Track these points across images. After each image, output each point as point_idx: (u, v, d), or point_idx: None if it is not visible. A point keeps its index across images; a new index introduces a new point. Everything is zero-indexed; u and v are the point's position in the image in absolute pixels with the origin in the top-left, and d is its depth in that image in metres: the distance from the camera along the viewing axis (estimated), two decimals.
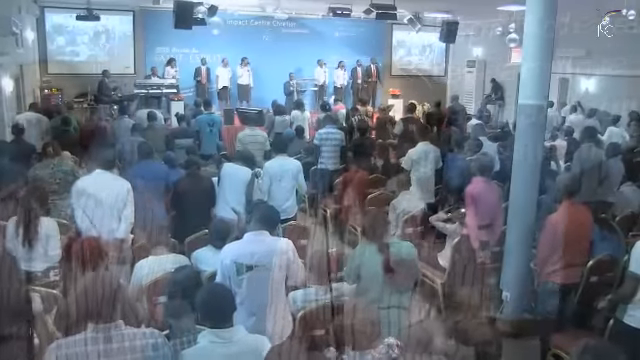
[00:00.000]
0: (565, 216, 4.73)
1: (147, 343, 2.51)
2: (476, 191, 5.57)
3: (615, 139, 9.23)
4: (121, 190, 5.05)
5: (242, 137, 8.23)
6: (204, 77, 15.31)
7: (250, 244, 3.67)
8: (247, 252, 3.61)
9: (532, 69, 5.12)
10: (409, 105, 10.93)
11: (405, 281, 4.23)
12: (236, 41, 15.70)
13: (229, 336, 2.62)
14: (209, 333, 2.63)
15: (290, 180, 6.31)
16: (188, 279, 3.62)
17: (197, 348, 2.62)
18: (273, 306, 3.57)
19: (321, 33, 16.80)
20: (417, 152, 7.09)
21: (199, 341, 2.64)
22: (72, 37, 14.67)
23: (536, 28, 5.12)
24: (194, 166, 6.16)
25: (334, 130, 8.55)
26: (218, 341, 2.60)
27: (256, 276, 3.55)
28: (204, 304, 2.74)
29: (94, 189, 4.93)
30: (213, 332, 2.62)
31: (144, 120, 9.72)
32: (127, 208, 5.06)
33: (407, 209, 6.37)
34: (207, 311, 2.69)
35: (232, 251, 3.69)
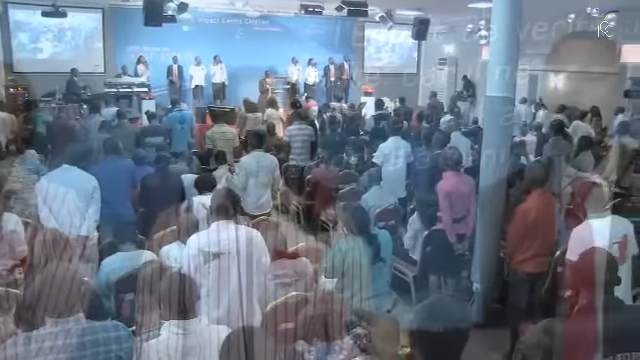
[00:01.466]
0: (534, 206, 4.78)
1: (109, 336, 2.46)
2: (448, 186, 5.60)
3: (580, 133, 9.38)
4: (87, 186, 4.97)
5: (211, 134, 8.20)
6: (176, 75, 15.17)
7: (216, 232, 3.63)
8: (213, 240, 3.57)
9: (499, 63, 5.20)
10: (378, 102, 10.97)
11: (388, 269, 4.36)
12: (208, 39, 15.59)
13: (190, 327, 2.59)
14: (171, 324, 2.59)
15: (266, 175, 6.29)
16: (154, 274, 3.57)
17: (158, 340, 2.58)
18: (241, 296, 3.54)
19: (293, 31, 16.76)
20: (388, 147, 7.11)
21: (161, 333, 2.60)
22: (37, 35, 14.37)
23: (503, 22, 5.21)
24: (162, 162, 6.09)
25: (304, 126, 8.55)
26: (179, 332, 2.56)
27: (223, 264, 3.51)
28: (165, 295, 2.70)
29: (59, 184, 4.83)
30: (174, 323, 2.58)
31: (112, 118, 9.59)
32: (93, 205, 4.99)
33: (378, 204, 6.39)
34: (169, 302, 2.65)
35: (198, 240, 3.64)
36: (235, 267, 3.53)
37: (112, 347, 2.44)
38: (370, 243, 4.08)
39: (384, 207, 6.39)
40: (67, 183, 4.87)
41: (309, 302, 3.67)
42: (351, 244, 4.06)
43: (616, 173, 7.42)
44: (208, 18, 15.86)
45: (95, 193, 5.01)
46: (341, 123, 10.01)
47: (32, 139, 7.76)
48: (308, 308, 3.57)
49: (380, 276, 4.16)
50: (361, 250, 4.02)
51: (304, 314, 3.56)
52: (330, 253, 4.15)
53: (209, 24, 15.90)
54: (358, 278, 3.98)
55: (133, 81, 13.89)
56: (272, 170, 6.31)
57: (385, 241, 4.23)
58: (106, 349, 2.42)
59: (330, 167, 7.83)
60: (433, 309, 2.10)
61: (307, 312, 3.54)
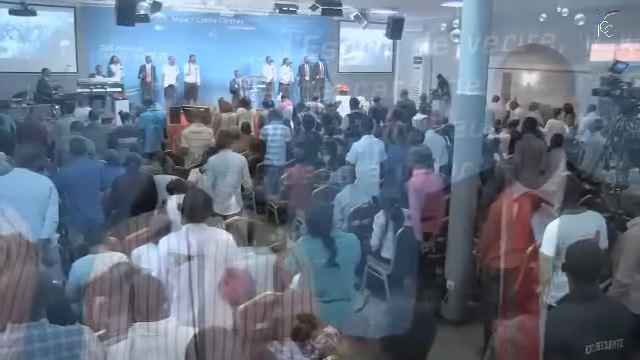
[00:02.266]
0: (507, 203, 4.82)
1: (72, 341, 2.42)
2: (418, 184, 5.64)
3: (555, 131, 9.50)
4: (42, 189, 4.84)
5: (187, 133, 8.15)
6: (149, 75, 15.00)
7: (188, 234, 3.60)
8: (185, 242, 3.53)
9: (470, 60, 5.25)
10: (352, 100, 10.99)
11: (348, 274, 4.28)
12: (182, 39, 15.43)
13: (158, 329, 2.55)
14: (139, 326, 2.56)
15: (234, 175, 6.24)
16: (124, 277, 3.53)
17: (125, 342, 2.55)
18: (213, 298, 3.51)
19: (268, 30, 16.68)
20: (362, 145, 7.12)
21: (129, 335, 2.57)
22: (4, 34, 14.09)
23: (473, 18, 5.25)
24: (133, 163, 6.02)
25: (279, 125, 8.54)
26: (146, 334, 2.53)
27: (194, 267, 3.48)
28: (133, 296, 2.67)
29: (10, 188, 4.69)
30: (142, 325, 2.55)
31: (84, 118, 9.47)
32: (50, 207, 4.87)
33: (352, 203, 6.40)
34: (136, 304, 2.62)
35: (169, 242, 3.61)
36: (206, 270, 3.50)
37: (76, 351, 2.40)
38: (327, 246, 3.97)
39: (358, 206, 6.40)
40: (18, 187, 4.73)
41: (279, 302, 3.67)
42: (308, 245, 4.02)
43: None
44: (182, 17, 15.72)
45: (52, 194, 4.90)
46: (316, 122, 10.00)
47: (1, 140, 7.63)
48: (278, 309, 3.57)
49: (337, 281, 4.04)
50: (317, 252, 3.96)
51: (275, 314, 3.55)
52: (290, 250, 4.15)
53: (183, 23, 15.76)
54: (311, 281, 3.94)
55: (106, 81, 13.69)
56: (241, 169, 6.25)
57: (347, 245, 4.09)
58: (70, 354, 2.38)
59: (305, 166, 7.82)
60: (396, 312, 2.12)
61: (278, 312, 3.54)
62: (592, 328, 2.69)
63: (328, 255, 3.92)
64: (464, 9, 5.37)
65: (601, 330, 2.71)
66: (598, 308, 2.77)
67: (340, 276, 4.02)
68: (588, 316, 2.72)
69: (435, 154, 7.03)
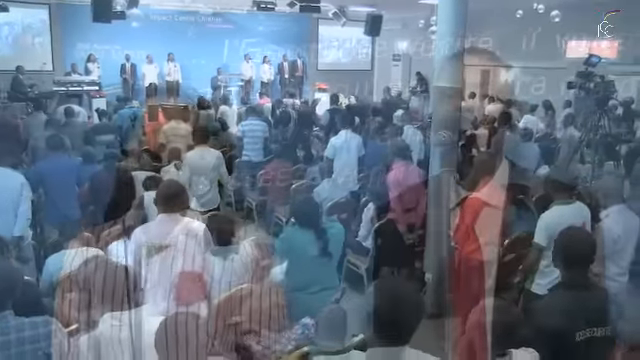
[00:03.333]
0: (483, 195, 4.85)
1: (37, 333, 2.38)
2: (398, 175, 5.65)
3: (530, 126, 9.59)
4: (14, 185, 4.78)
5: (166, 129, 8.11)
6: (129, 74, 14.92)
7: (161, 224, 3.57)
8: (158, 233, 3.51)
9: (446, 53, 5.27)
10: (332, 96, 11.00)
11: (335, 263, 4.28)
12: (160, 37, 15.38)
13: (129, 319, 2.53)
14: (109, 317, 2.53)
15: (211, 171, 6.20)
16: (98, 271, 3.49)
17: (96, 333, 2.51)
18: None
19: (246, 28, 16.67)
20: (339, 140, 7.11)
21: (99, 326, 2.54)
22: None
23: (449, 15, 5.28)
24: (110, 159, 5.97)
25: (257, 122, 8.50)
26: (117, 324, 2.50)
27: (168, 257, 3.46)
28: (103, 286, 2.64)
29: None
30: (113, 315, 2.52)
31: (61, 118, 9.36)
32: (23, 204, 4.80)
33: (330, 197, 6.41)
34: (106, 293, 2.59)
35: (143, 233, 3.58)
36: (180, 260, 3.48)
37: (41, 344, 2.35)
38: (319, 237, 4.00)
39: (336, 200, 6.41)
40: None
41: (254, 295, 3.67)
42: (299, 236, 4.03)
43: None
44: (160, 15, 15.66)
45: (24, 191, 4.83)
46: (294, 119, 9.99)
47: None
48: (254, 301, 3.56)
49: (327, 270, 4.09)
50: (308, 243, 3.97)
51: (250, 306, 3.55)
52: (278, 241, 4.14)
53: (161, 21, 15.71)
54: (303, 271, 3.95)
55: (83, 79, 13.57)
56: (217, 166, 6.19)
57: (336, 235, 4.15)
58: (33, 347, 2.33)
59: (283, 163, 7.80)
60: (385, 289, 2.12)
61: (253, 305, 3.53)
62: (582, 315, 2.75)
63: (320, 245, 3.94)
64: (440, 6, 5.39)
65: (591, 317, 2.75)
66: (588, 296, 2.82)
67: (330, 266, 4.07)
68: (578, 304, 2.77)
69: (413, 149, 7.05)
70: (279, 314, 3.24)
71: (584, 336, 2.73)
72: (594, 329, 2.75)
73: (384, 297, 2.07)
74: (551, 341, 2.64)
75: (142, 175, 6.40)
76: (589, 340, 2.73)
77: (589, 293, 2.85)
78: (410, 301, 2.06)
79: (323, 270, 4.01)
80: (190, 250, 3.52)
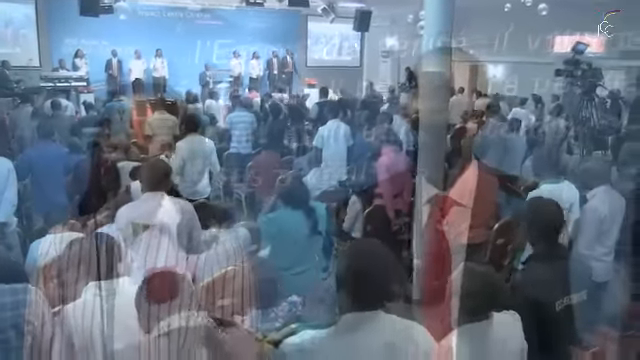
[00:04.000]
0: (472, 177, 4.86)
1: (17, 299, 2.36)
2: (388, 160, 5.66)
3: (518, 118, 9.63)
4: (1, 170, 4.73)
5: (152, 121, 8.03)
6: (115, 69, 14.83)
7: (146, 203, 3.54)
8: (143, 211, 3.48)
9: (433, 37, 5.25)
10: (322, 89, 11.00)
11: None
12: (148, 33, 15.32)
13: (113, 288, 2.50)
14: (92, 286, 2.50)
15: (202, 160, 6.17)
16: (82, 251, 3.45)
17: (79, 302, 2.48)
18: None
19: (235, 24, 16.63)
20: (327, 129, 7.10)
21: (82, 296, 2.51)
22: None
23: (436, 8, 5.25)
24: (96, 148, 5.93)
25: (245, 113, 8.49)
26: (100, 293, 2.47)
27: (154, 236, 3.43)
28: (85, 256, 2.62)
29: None
30: (96, 284, 2.49)
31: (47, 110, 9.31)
32: (8, 189, 4.76)
33: (317, 185, 6.39)
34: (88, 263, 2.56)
35: (128, 212, 3.55)
36: (166, 239, 3.45)
37: (20, 311, 2.33)
38: (308, 216, 4.04)
39: (324, 189, 6.39)
40: None
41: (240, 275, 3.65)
42: (288, 216, 4.03)
43: None
44: (148, 11, 15.59)
45: (11, 176, 4.80)
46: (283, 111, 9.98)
47: None
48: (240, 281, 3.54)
49: (316, 249, 4.13)
50: (298, 223, 3.98)
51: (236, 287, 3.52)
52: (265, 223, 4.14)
53: (149, 17, 15.64)
54: (292, 251, 3.95)
55: (71, 75, 13.50)
56: (208, 154, 6.18)
57: (322, 214, 4.21)
58: (13, 313, 2.31)
59: (272, 154, 7.77)
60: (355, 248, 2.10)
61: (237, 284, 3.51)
62: (559, 285, 2.76)
63: (310, 224, 3.97)
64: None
65: (568, 286, 2.76)
66: (562, 264, 2.83)
67: (319, 245, 4.12)
68: (555, 274, 2.78)
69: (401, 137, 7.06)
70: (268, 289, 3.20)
71: (562, 305, 2.74)
72: (571, 296, 2.76)
73: (353, 255, 2.05)
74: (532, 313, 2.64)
75: (129, 166, 6.37)
76: (567, 308, 2.75)
77: (562, 261, 2.87)
78: (381, 260, 1.99)
79: (312, 249, 4.04)
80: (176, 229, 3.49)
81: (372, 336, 1.96)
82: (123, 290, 2.48)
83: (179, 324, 1.90)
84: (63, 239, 4.23)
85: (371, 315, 1.97)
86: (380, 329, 1.98)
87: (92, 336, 2.34)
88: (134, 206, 3.64)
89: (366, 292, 1.96)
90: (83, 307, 2.43)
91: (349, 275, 1.99)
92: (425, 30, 5.32)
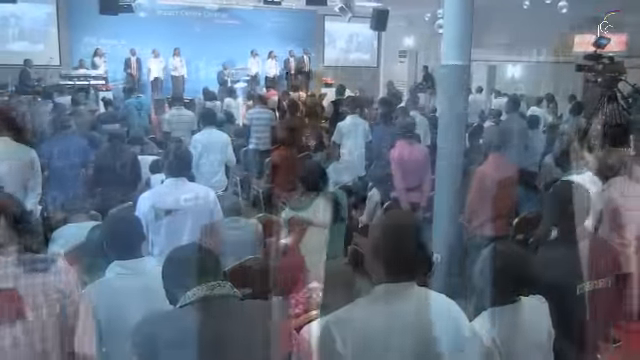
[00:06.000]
0: (492, 168, 4.83)
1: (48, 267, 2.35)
2: (400, 153, 5.63)
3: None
4: (25, 158, 4.73)
5: (169, 117, 8.08)
6: (134, 68, 14.93)
7: (169, 188, 3.55)
8: (166, 196, 3.49)
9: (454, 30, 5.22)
10: (339, 88, 10.98)
11: None
12: (166, 32, 15.39)
13: (137, 267, 2.50)
14: (116, 265, 2.50)
15: (218, 153, 6.18)
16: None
17: (102, 281, 2.49)
18: None
19: (253, 24, 16.68)
20: (346, 125, 7.10)
21: (106, 274, 2.52)
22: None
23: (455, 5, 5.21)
24: (116, 139, 5.97)
25: (264, 110, 8.50)
26: (125, 272, 2.47)
27: (176, 221, 3.44)
28: (109, 233, 2.62)
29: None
30: (120, 264, 2.50)
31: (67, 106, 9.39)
32: (34, 178, 4.76)
33: (336, 180, 6.38)
34: (112, 241, 2.56)
35: (151, 196, 3.57)
36: (188, 224, 3.46)
37: (51, 278, 2.35)
38: (332, 201, 4.02)
39: (343, 184, 6.38)
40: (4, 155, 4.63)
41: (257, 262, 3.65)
42: (312, 201, 4.02)
43: None
44: (166, 10, 15.68)
45: (35, 165, 4.80)
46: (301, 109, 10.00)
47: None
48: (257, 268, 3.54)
49: (339, 236, 4.10)
50: (322, 208, 3.96)
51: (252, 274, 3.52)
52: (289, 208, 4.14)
53: (167, 17, 15.73)
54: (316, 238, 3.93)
55: (90, 73, 13.66)
56: (225, 147, 6.19)
57: (344, 201, 4.20)
58: (44, 280, 2.33)
59: (289, 150, 7.77)
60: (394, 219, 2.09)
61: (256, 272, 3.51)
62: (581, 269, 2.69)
63: (334, 210, 3.96)
64: None
65: (591, 269, 2.71)
66: (587, 247, 2.75)
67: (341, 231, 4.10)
68: (577, 256, 2.70)
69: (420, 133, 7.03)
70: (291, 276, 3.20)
71: (584, 289, 2.69)
72: (595, 282, 2.71)
73: (388, 226, 2.03)
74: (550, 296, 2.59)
75: (148, 159, 6.41)
76: (592, 293, 2.69)
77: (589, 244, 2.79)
78: (415, 232, 1.98)
79: (335, 236, 4.00)
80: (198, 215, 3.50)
81: (407, 306, 1.94)
82: (147, 269, 2.49)
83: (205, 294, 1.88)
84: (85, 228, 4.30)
85: (405, 286, 1.96)
86: (415, 300, 1.97)
87: (117, 313, 2.34)
88: (156, 192, 3.65)
89: (400, 262, 1.95)
90: (107, 285, 2.44)
91: (384, 245, 1.97)
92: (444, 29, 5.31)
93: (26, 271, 2.28)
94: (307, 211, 3.96)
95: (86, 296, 2.40)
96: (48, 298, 2.32)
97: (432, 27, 14.13)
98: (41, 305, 2.30)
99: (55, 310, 2.34)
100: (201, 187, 3.76)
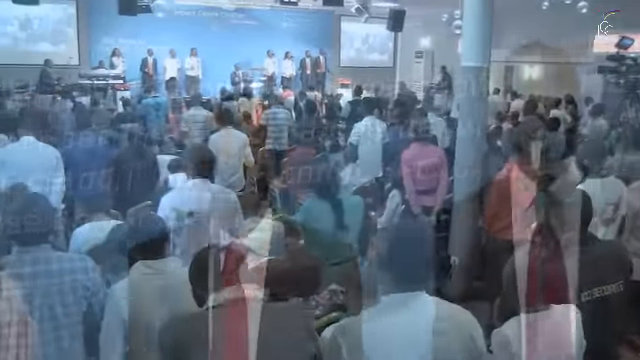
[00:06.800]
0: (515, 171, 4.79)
1: (76, 266, 2.41)
2: (410, 155, 5.58)
3: None
4: (50, 157, 4.80)
5: (187, 117, 8.16)
6: (151, 68, 15.05)
7: (192, 190, 3.57)
8: (188, 198, 3.51)
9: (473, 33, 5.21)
10: (356, 88, 10.97)
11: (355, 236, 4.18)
12: (183, 32, 15.51)
13: (161, 267, 2.53)
14: (140, 264, 2.53)
15: (236, 152, 6.21)
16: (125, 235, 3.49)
17: (127, 280, 2.52)
18: None
19: (269, 24, 16.76)
20: (363, 125, 7.09)
21: (130, 274, 2.54)
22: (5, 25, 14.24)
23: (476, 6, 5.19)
24: (136, 138, 6.00)
25: (280, 110, 8.53)
26: (149, 272, 2.50)
27: (197, 223, 3.45)
28: (134, 233, 2.65)
29: (19, 157, 4.66)
30: (144, 263, 2.52)
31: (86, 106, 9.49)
32: (57, 176, 4.82)
33: (352, 182, 6.37)
34: (137, 241, 2.59)
35: (173, 198, 3.59)
36: (210, 226, 3.47)
37: (78, 276, 2.39)
38: (334, 208, 3.96)
39: (360, 185, 6.37)
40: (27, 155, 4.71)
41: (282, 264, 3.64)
42: (317, 206, 4.00)
43: None
44: (183, 11, 15.77)
45: (59, 164, 4.87)
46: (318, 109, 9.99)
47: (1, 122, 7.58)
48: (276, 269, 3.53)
49: (343, 243, 4.01)
50: (324, 214, 3.94)
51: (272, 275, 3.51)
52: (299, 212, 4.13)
53: (184, 17, 15.82)
54: (321, 242, 3.90)
55: (108, 73, 13.79)
56: (242, 147, 6.22)
57: (354, 207, 4.11)
58: (72, 278, 2.36)
59: (306, 150, 7.77)
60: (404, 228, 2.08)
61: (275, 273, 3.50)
62: (585, 275, 2.60)
63: (335, 217, 3.90)
64: None
65: (599, 276, 2.66)
66: (593, 252, 2.71)
67: (348, 237, 3.99)
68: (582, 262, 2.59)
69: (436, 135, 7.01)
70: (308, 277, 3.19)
71: (592, 296, 2.63)
72: (604, 288, 2.66)
73: (398, 235, 2.04)
74: None
75: (167, 158, 6.45)
76: (600, 300, 2.64)
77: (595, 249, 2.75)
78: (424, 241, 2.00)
79: (339, 242, 3.93)
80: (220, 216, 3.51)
81: (416, 316, 1.95)
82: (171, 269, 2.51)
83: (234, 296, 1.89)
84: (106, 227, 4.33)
85: (414, 296, 1.96)
86: (424, 310, 1.96)
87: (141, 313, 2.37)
88: (179, 193, 3.67)
89: (410, 272, 1.95)
90: (131, 286, 2.47)
91: (393, 255, 1.97)
92: (464, 31, 5.29)
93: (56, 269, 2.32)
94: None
95: (112, 295, 2.43)
96: (76, 296, 2.35)
97: (449, 28, 14.08)
98: (70, 303, 2.33)
99: (82, 308, 2.38)
100: (223, 188, 3.78)
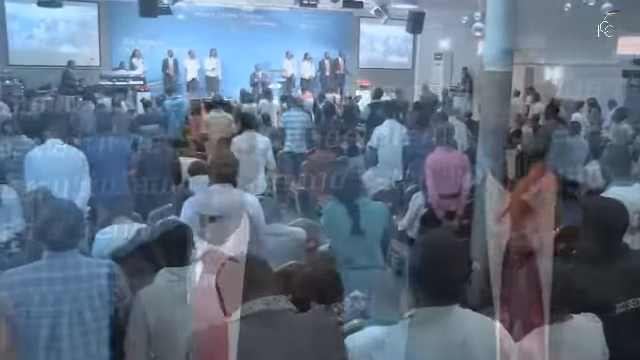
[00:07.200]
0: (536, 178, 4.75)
1: (103, 272, 2.44)
2: (434, 160, 5.57)
3: None
4: (76, 160, 4.88)
5: (208, 119, 8.18)
6: (171, 69, 15.18)
7: (214, 195, 3.58)
8: (211, 203, 3.52)
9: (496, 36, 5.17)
10: (376, 90, 10.94)
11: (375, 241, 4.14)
12: (203, 33, 15.58)
13: (184, 274, 2.55)
14: (165, 271, 2.55)
15: (258, 156, 6.22)
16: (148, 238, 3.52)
17: (152, 287, 2.54)
18: None
19: (288, 26, 16.78)
20: (384, 129, 7.08)
21: (155, 280, 2.56)
22: (32, 27, 14.44)
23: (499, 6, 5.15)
24: (160, 142, 6.06)
25: (299, 113, 8.53)
26: (174, 279, 2.52)
27: (220, 227, 3.46)
28: (161, 240, 2.67)
29: (46, 160, 4.75)
30: (169, 270, 2.55)
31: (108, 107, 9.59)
32: (83, 179, 4.90)
33: (374, 185, 6.36)
34: (164, 248, 2.61)
35: (195, 202, 3.61)
36: (232, 230, 3.48)
37: (105, 282, 2.42)
38: (350, 213, 3.93)
39: (381, 188, 6.36)
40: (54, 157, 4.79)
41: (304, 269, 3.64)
42: (336, 210, 3.99)
43: None
44: (203, 12, 15.86)
45: (85, 166, 4.94)
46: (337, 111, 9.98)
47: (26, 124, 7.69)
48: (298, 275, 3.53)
49: (363, 248, 3.97)
50: (341, 218, 3.92)
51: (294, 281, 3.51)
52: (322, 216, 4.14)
53: (204, 18, 15.89)
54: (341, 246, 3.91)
55: (128, 74, 13.95)
56: (265, 150, 6.22)
57: (373, 212, 4.05)
58: (100, 283, 2.40)
59: (325, 153, 7.77)
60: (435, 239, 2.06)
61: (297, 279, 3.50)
62: (620, 286, 2.59)
63: (351, 222, 3.87)
64: None
65: (632, 286, 2.62)
66: (627, 262, 2.67)
67: (366, 243, 3.96)
68: (614, 275, 2.60)
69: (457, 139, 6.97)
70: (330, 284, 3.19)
71: (627, 307, 2.57)
72: (638, 299, 2.59)
73: (429, 247, 1.98)
74: None
75: (187, 161, 6.49)
76: (633, 311, 2.58)
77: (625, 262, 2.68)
78: (457, 253, 1.96)
79: (358, 247, 3.90)
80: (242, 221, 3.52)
81: (449, 331, 1.91)
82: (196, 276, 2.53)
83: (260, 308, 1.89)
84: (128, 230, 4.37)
85: (447, 310, 1.92)
86: (457, 324, 1.92)
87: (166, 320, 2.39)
88: (202, 197, 3.69)
89: (443, 286, 1.92)
90: (156, 292, 2.49)
91: (425, 267, 1.94)
92: (487, 32, 5.25)
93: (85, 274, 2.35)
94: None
95: (137, 301, 2.45)
96: (104, 301, 2.38)
97: (468, 30, 13.97)
98: (98, 308, 2.36)
99: (110, 313, 2.41)
100: (245, 194, 3.78)
